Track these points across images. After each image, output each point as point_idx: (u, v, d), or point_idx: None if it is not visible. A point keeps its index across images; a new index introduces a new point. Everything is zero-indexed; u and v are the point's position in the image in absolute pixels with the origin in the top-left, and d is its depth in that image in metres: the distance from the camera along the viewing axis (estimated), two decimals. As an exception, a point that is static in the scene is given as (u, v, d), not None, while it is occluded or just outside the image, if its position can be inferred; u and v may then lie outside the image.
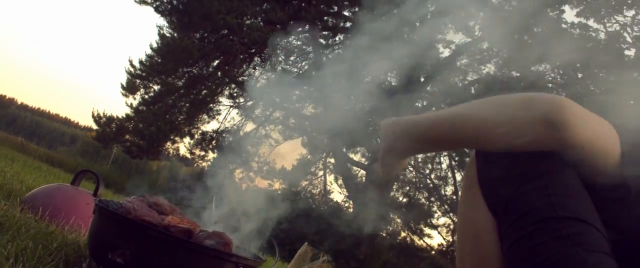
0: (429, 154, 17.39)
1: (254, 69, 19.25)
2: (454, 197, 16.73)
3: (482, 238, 1.17)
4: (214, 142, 18.58)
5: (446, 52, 16.34)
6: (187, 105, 17.79)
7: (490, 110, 1.19)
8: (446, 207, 17.12)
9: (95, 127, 17.62)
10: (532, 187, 1.07)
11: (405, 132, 1.40)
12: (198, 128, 18.91)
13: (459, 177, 16.69)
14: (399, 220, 17.14)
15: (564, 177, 1.10)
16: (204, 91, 18.19)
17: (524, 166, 1.11)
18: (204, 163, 18.59)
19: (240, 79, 18.68)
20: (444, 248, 17.03)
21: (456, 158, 16.24)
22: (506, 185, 1.12)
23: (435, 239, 17.41)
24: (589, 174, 1.12)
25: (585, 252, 0.96)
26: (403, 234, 17.37)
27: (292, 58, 19.26)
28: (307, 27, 16.99)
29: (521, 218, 1.06)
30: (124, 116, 17.03)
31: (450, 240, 16.72)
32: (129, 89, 17.14)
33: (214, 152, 18.39)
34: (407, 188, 18.02)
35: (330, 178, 19.51)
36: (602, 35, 13.49)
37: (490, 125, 1.17)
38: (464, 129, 1.23)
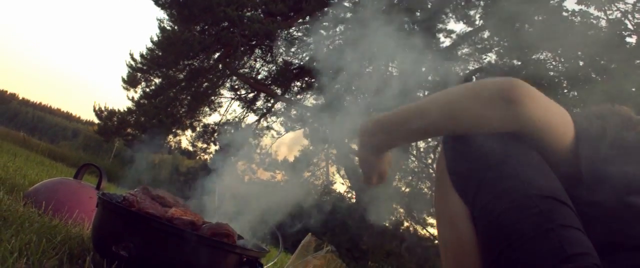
0: (430, 144, 17.41)
1: (255, 60, 19.24)
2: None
3: (457, 225, 1.20)
4: (215, 134, 18.58)
5: (447, 42, 16.31)
6: (189, 98, 17.80)
7: (454, 98, 1.25)
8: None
9: (97, 121, 17.69)
10: (502, 170, 1.11)
11: (379, 126, 1.44)
12: (200, 120, 18.92)
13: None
14: (402, 210, 17.15)
15: (530, 159, 1.14)
16: (205, 84, 18.19)
17: (491, 153, 1.15)
18: (206, 156, 18.61)
19: (241, 71, 18.66)
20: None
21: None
22: (475, 173, 1.16)
23: (439, 229, 17.41)
24: (546, 154, 1.18)
25: (560, 227, 0.99)
26: (406, 224, 17.39)
27: (292, 49, 19.24)
28: (307, 18, 16.96)
29: (494, 199, 1.09)
30: (126, 110, 17.07)
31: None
32: (130, 82, 17.16)
33: (215, 145, 18.41)
34: (410, 177, 18.04)
35: (333, 169, 19.51)
36: (603, 23, 13.45)
37: (456, 111, 1.23)
38: (434, 119, 1.28)
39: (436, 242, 17.27)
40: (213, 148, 18.56)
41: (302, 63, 18.57)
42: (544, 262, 0.97)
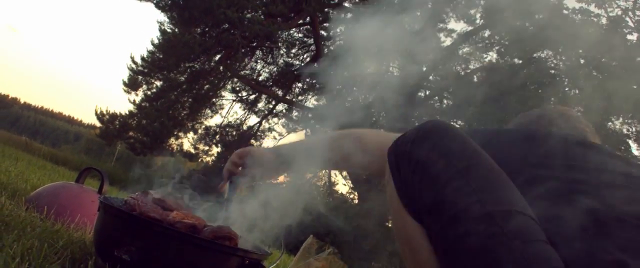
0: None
1: (256, 62, 19.27)
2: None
3: (415, 247, 1.17)
4: (217, 136, 18.60)
5: (448, 41, 16.32)
6: (190, 100, 17.82)
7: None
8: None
9: (98, 124, 17.68)
10: (455, 187, 1.07)
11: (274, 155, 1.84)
12: (201, 123, 18.95)
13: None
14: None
15: (480, 168, 1.10)
16: (207, 86, 18.21)
17: (440, 169, 1.10)
18: (208, 158, 18.62)
19: (242, 72, 18.68)
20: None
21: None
22: (427, 193, 1.11)
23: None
24: None
25: (523, 244, 0.96)
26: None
27: (293, 50, 19.27)
28: (308, 19, 16.97)
29: (451, 221, 1.04)
30: (127, 113, 17.07)
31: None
32: (131, 85, 17.17)
33: (217, 147, 18.42)
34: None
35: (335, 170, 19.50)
36: (603, 21, 13.45)
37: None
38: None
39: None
40: (215, 150, 18.58)
41: (302, 64, 18.62)
42: None
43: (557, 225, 1.06)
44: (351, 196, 18.56)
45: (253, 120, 19.61)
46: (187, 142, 18.87)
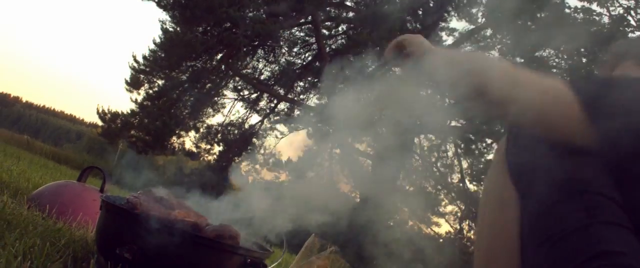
0: (434, 142, 17.39)
1: (258, 61, 19.26)
2: (461, 185, 16.74)
3: (508, 208, 1.22)
4: (219, 135, 18.58)
5: (450, 40, 16.29)
6: (192, 99, 17.78)
7: (524, 86, 1.22)
8: (453, 195, 17.11)
9: (100, 123, 17.65)
10: (555, 163, 1.12)
11: (433, 50, 1.60)
12: (203, 122, 18.91)
13: (465, 164, 16.71)
14: (406, 209, 17.14)
15: (587, 156, 1.13)
16: (208, 85, 18.18)
17: (548, 148, 1.16)
18: (210, 157, 18.61)
19: (244, 71, 18.67)
20: (451, 236, 17.03)
21: (462, 146, 16.21)
22: (531, 163, 1.18)
23: (443, 227, 17.44)
24: (564, 139, 1.16)
25: (600, 224, 0.99)
26: (410, 223, 17.36)
27: (295, 49, 19.25)
28: (310, 18, 16.95)
29: (543, 191, 1.10)
30: (129, 112, 17.05)
31: (458, 228, 16.73)
32: (133, 84, 17.15)
33: (219, 145, 18.40)
34: (414, 176, 18.02)
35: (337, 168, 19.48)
36: (605, 19, 13.43)
37: (521, 102, 1.20)
38: (487, 88, 1.27)
39: (441, 240, 17.23)
40: (217, 149, 18.57)
41: (304, 63, 18.62)
42: (574, 256, 0.97)
43: None
44: (353, 195, 18.56)
45: (255, 118, 19.58)
46: (189, 140, 18.85)
